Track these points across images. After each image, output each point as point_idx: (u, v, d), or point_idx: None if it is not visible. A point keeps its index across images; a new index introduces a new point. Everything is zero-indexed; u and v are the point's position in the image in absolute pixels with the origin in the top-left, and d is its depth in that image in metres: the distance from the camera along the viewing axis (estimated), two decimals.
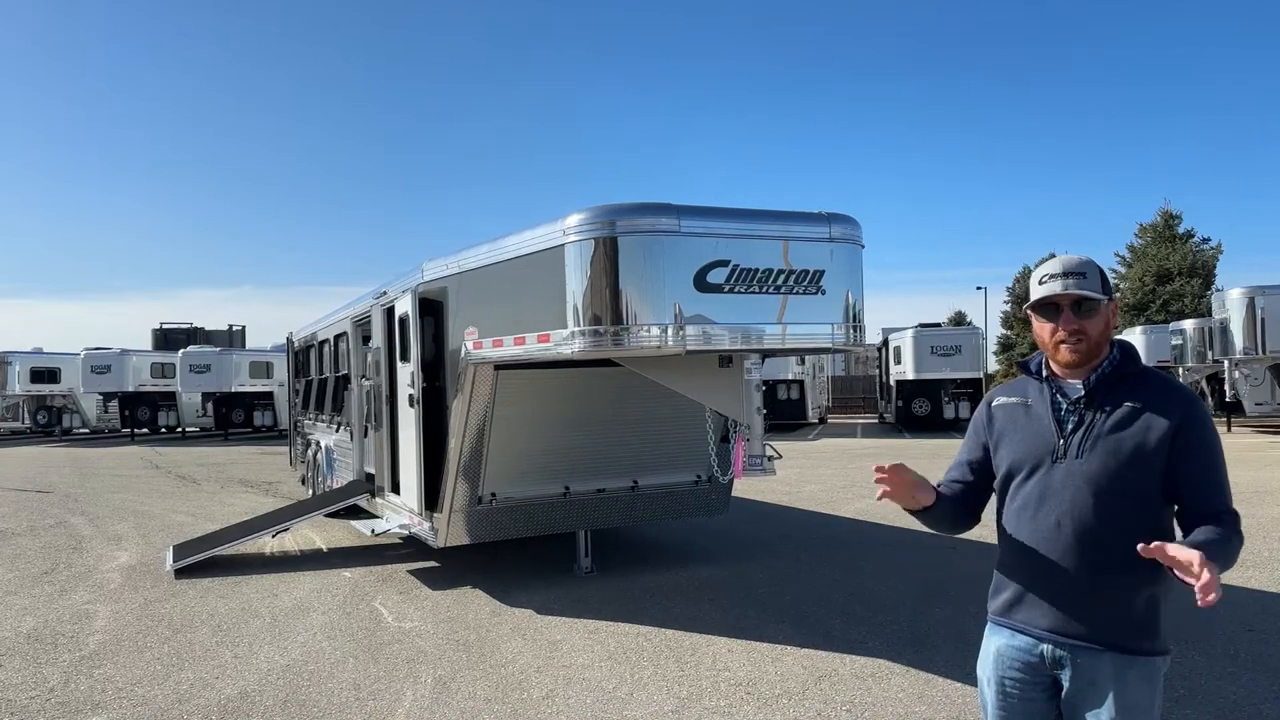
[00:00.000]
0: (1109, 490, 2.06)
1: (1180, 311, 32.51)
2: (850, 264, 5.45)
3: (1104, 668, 2.06)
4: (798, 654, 5.28)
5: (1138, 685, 2.04)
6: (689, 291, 4.98)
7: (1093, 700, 2.07)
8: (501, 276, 6.01)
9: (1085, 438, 2.11)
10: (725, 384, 5.39)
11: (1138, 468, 2.05)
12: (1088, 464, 2.09)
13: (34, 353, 30.64)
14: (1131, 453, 2.06)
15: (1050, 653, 2.14)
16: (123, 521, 11.08)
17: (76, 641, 5.92)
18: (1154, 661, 2.07)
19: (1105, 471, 2.07)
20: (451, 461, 6.62)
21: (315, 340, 11.81)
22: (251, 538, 8.45)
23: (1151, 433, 2.06)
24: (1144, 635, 2.07)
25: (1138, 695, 2.04)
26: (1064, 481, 2.12)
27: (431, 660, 5.36)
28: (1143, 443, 2.06)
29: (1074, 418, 2.15)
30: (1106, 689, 2.05)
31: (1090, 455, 2.10)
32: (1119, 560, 2.03)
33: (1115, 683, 2.05)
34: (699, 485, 7.68)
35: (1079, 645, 2.09)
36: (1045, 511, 2.14)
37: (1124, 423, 2.09)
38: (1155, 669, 2.08)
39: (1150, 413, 2.07)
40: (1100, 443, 2.09)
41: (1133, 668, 2.05)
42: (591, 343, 5.08)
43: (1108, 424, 2.10)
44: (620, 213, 5.05)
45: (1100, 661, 2.06)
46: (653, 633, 5.77)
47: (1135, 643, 2.06)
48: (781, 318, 5.22)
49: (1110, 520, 2.07)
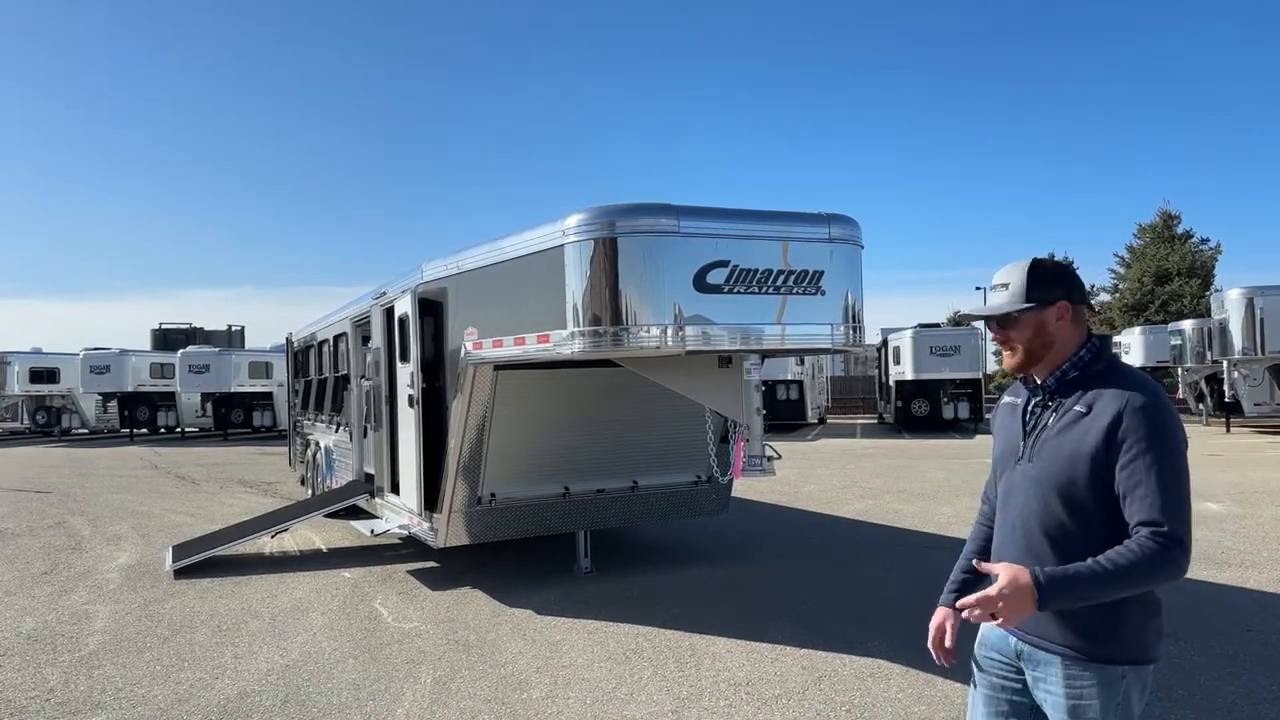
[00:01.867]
0: (1052, 493, 2.05)
1: (1179, 312, 32.52)
2: (850, 264, 5.46)
3: (1055, 670, 2.04)
4: (797, 654, 5.29)
5: (1090, 692, 2.00)
6: (688, 292, 4.98)
7: (1048, 700, 2.08)
8: (501, 277, 6.01)
9: (1036, 440, 2.13)
10: (725, 384, 5.40)
11: (1077, 470, 2.01)
12: (1035, 466, 2.10)
13: (33, 353, 30.62)
14: (1070, 455, 2.02)
15: (1017, 646, 2.14)
16: (122, 522, 11.07)
17: (76, 642, 5.91)
18: (1110, 669, 2.00)
19: (1048, 474, 2.06)
20: (451, 462, 6.62)
21: (315, 340, 11.81)
22: (251, 538, 8.44)
23: (1090, 434, 2.01)
24: (1097, 642, 2.00)
25: (1089, 701, 2.00)
26: (1020, 483, 2.14)
27: (431, 660, 5.36)
28: (1080, 445, 2.01)
29: (1034, 419, 2.17)
30: (1059, 691, 2.04)
31: (1038, 458, 2.10)
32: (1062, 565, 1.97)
33: (1066, 686, 2.02)
34: (699, 485, 7.68)
35: (1036, 646, 2.09)
36: (1007, 512, 2.17)
37: (1070, 424, 2.06)
38: (1112, 677, 2.00)
39: (1095, 412, 2.02)
40: (1047, 445, 2.09)
41: (1085, 673, 2.01)
42: (591, 343, 5.08)
43: (1056, 426, 2.09)
44: (620, 213, 5.05)
45: (1053, 664, 2.05)
46: (652, 633, 5.77)
47: (1087, 649, 2.01)
48: (781, 318, 5.22)
49: (1052, 525, 2.05)
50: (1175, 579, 1.93)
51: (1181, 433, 2.01)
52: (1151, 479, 1.92)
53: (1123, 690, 2.00)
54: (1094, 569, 1.88)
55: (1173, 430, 1.98)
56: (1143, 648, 2.03)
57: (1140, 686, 2.04)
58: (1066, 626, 2.02)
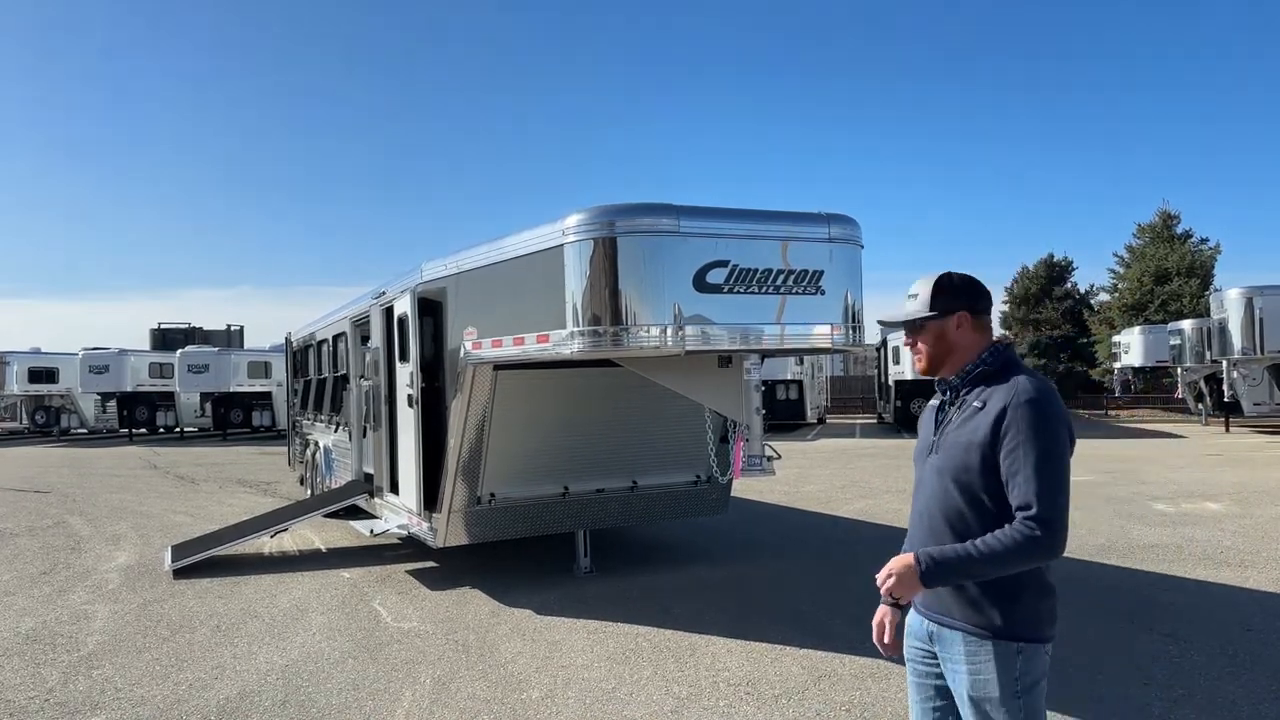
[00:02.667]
0: (951, 482, 2.23)
1: (1179, 312, 32.50)
2: (849, 264, 5.46)
3: (957, 645, 2.21)
4: (797, 654, 5.28)
5: (987, 666, 2.16)
6: (688, 292, 4.98)
7: (953, 676, 2.25)
8: (501, 277, 6.01)
9: (941, 435, 2.32)
10: (724, 384, 5.39)
11: (971, 459, 2.18)
12: (938, 458, 2.30)
13: (32, 353, 30.61)
14: (965, 445, 2.20)
15: (929, 628, 2.32)
16: (121, 522, 11.07)
17: (75, 642, 5.91)
18: (1006, 645, 2.15)
19: (947, 466, 2.24)
20: (450, 462, 6.62)
21: (314, 340, 11.80)
22: (250, 538, 8.44)
23: (981, 426, 2.18)
24: (991, 618, 2.16)
25: (988, 676, 2.16)
26: (927, 474, 2.34)
27: (430, 661, 5.35)
28: (971, 438, 2.19)
29: (943, 416, 2.36)
30: (960, 666, 2.21)
31: (941, 450, 2.29)
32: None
33: (968, 661, 2.19)
34: (698, 485, 7.68)
35: (941, 624, 2.27)
36: (917, 501, 2.39)
37: (968, 418, 2.24)
38: (1008, 652, 2.15)
39: (988, 407, 2.20)
40: (948, 438, 2.28)
41: (983, 648, 2.17)
42: (591, 343, 5.07)
43: (957, 420, 2.27)
44: (619, 213, 5.05)
45: (954, 639, 2.22)
46: (652, 633, 5.77)
47: (983, 625, 2.17)
48: (780, 318, 5.22)
49: (952, 511, 2.23)
50: (1046, 560, 2.12)
51: (1062, 425, 2.14)
52: (1028, 466, 2.08)
53: (1018, 667, 2.15)
54: (970, 550, 2.09)
55: (1051, 422, 2.12)
56: (1034, 625, 2.17)
57: (1037, 665, 2.17)
58: (966, 604, 2.19)
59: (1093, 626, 5.71)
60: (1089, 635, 5.52)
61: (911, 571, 2.12)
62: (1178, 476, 13.69)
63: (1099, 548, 8.23)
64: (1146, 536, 8.75)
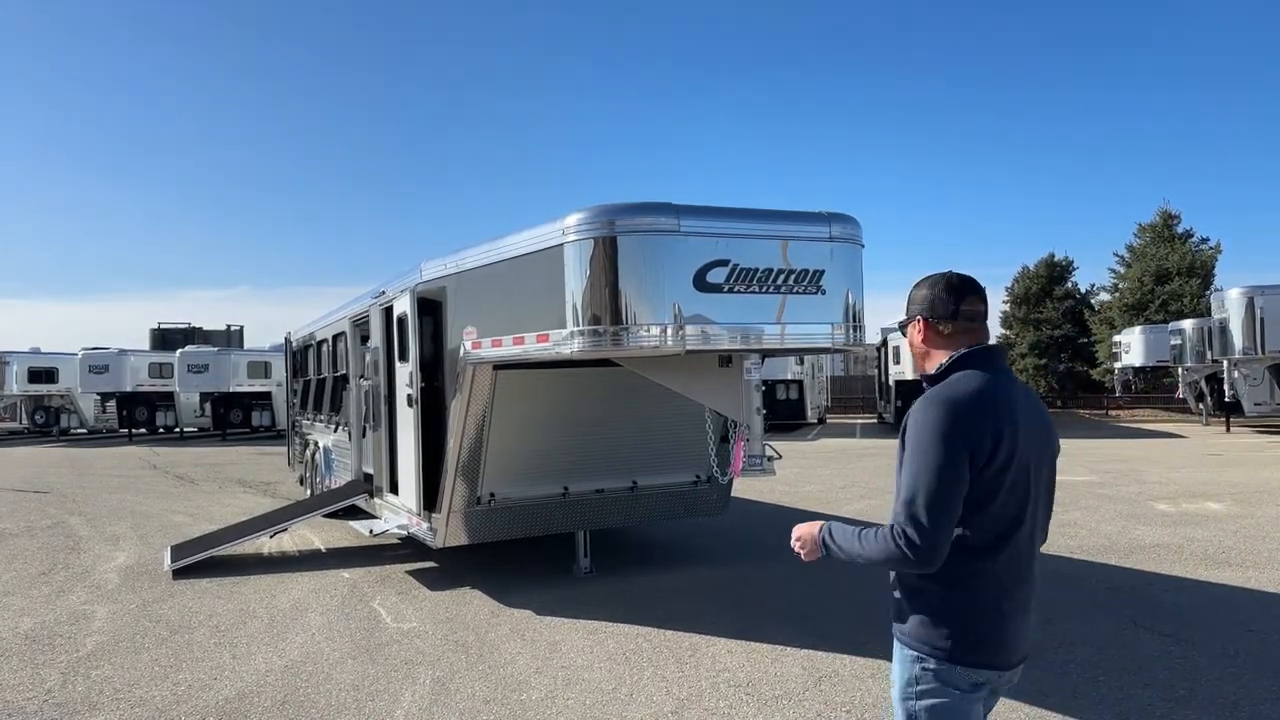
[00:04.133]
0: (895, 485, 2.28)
1: (1179, 311, 32.43)
2: (850, 264, 5.44)
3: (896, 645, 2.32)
4: (798, 654, 5.27)
5: (895, 667, 2.28)
6: (688, 291, 4.96)
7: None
8: (500, 276, 6.00)
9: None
10: (725, 384, 5.38)
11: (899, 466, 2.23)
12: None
13: (31, 352, 30.57)
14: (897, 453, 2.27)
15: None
16: (120, 522, 11.05)
17: (74, 642, 5.90)
18: (904, 650, 2.25)
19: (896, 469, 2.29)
20: (450, 462, 6.60)
21: (313, 340, 11.79)
22: (249, 538, 8.43)
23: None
24: (903, 624, 2.25)
25: (894, 676, 2.29)
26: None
27: (430, 661, 5.34)
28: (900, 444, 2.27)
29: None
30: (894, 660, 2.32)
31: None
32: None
33: (895, 658, 2.30)
34: (698, 485, 7.67)
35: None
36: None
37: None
38: (906, 657, 2.24)
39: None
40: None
41: (896, 647, 2.29)
42: (591, 343, 5.06)
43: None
44: (619, 212, 5.03)
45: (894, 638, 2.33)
46: (652, 633, 5.75)
47: (895, 624, 2.30)
48: (781, 317, 5.20)
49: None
50: (909, 567, 2.15)
51: (938, 437, 2.10)
52: (905, 474, 2.14)
53: (914, 674, 2.20)
54: (856, 537, 2.22)
55: (927, 431, 2.12)
56: (926, 641, 2.20)
57: (941, 681, 2.18)
58: (897, 608, 2.29)
59: (1094, 626, 5.70)
60: (1090, 635, 5.51)
61: (815, 540, 2.32)
62: (1178, 476, 13.67)
63: (1100, 548, 8.21)
64: (1148, 537, 8.73)
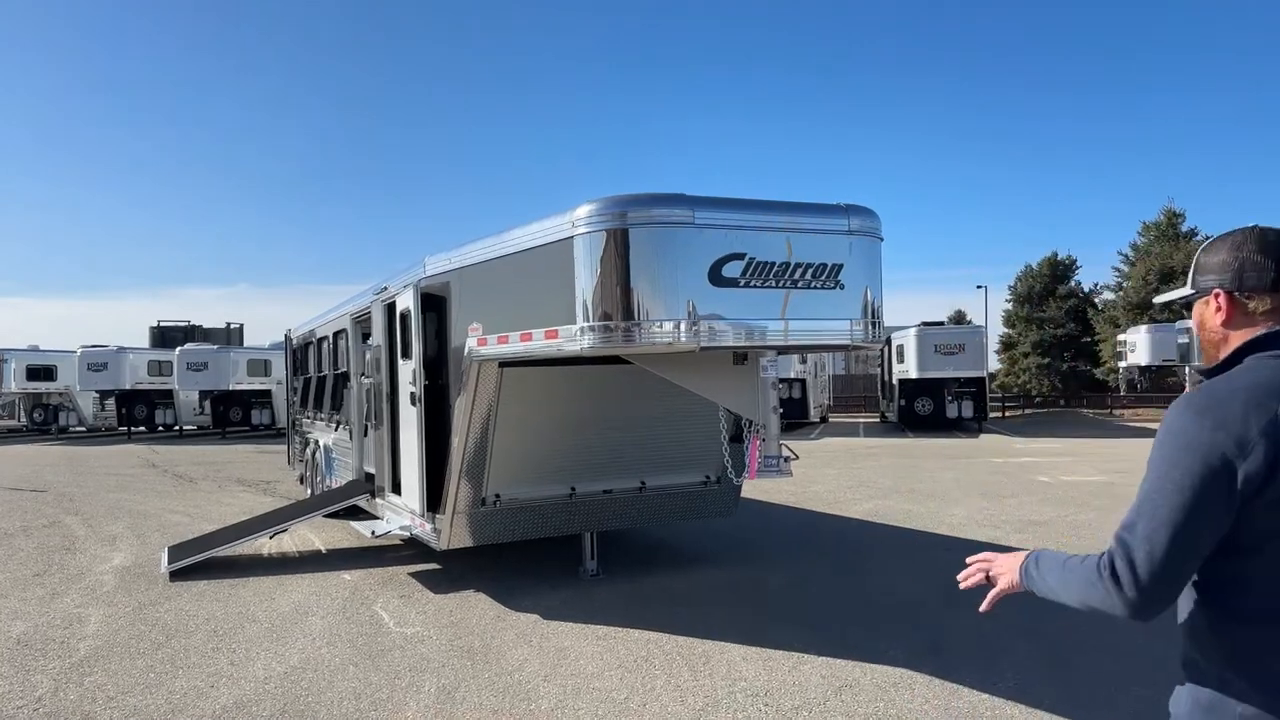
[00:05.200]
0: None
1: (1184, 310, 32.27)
2: (869, 258, 5.26)
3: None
4: (816, 662, 5.09)
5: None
6: (703, 285, 4.78)
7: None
8: (507, 271, 5.82)
9: None
10: (740, 382, 5.19)
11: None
12: None
13: (30, 350, 30.35)
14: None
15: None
16: (118, 522, 10.88)
17: (67, 647, 5.72)
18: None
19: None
20: (454, 462, 6.42)
21: (314, 337, 11.61)
22: (248, 539, 8.25)
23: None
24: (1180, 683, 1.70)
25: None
26: None
27: (435, 668, 5.16)
28: None
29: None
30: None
31: None
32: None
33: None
34: (708, 486, 7.49)
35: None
36: None
37: None
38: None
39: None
40: None
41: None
42: (601, 339, 4.87)
43: None
44: (632, 204, 4.85)
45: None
46: (664, 639, 5.57)
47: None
48: (798, 313, 5.02)
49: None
50: (1111, 609, 1.56)
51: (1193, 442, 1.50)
52: (1138, 492, 1.57)
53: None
54: (1060, 562, 1.66)
55: (1176, 439, 1.53)
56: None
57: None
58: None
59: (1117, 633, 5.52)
60: (1110, 644, 5.33)
61: (1017, 561, 1.78)
62: None
63: None
64: None
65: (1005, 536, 8.83)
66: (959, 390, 25.34)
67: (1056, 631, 5.49)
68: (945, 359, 24.74)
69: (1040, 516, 10.02)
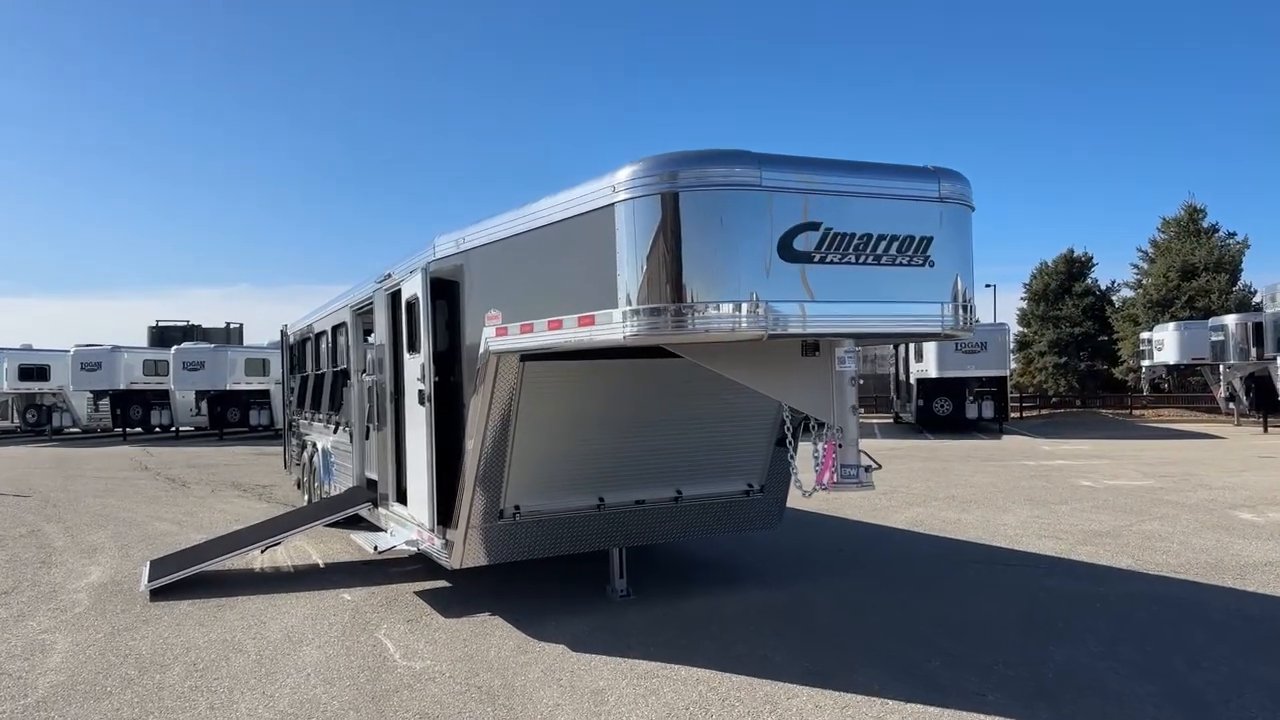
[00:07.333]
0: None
1: (1206, 307, 31.43)
2: (960, 230, 4.48)
3: None
4: (903, 710, 4.28)
5: None
6: (772, 260, 3.99)
7: None
8: (532, 248, 5.02)
9: None
10: (810, 377, 4.39)
11: None
12: None
13: (22, 349, 29.51)
14: None
15: None
16: (100, 530, 10.09)
17: (24, 684, 4.94)
18: None
19: None
20: (468, 469, 5.63)
21: (311, 333, 10.82)
22: (238, 553, 7.45)
23: None
24: None
25: None
26: None
27: (449, 715, 4.36)
28: None
29: None
30: None
31: None
32: None
33: None
34: (750, 495, 6.69)
35: None
36: None
37: None
38: None
39: None
40: None
41: None
42: (647, 326, 4.07)
43: None
44: (685, 162, 4.05)
45: None
46: (715, 679, 4.76)
47: None
48: (881, 295, 4.23)
49: None
50: None
51: None
52: None
53: None
54: None
55: None
56: None
57: None
58: None
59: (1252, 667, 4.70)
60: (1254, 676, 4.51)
61: None
62: (1243, 481, 12.69)
63: (1205, 566, 7.22)
64: (1251, 552, 7.74)
65: (1071, 549, 8.01)
66: (980, 390, 24.49)
67: (1184, 667, 4.68)
68: (966, 358, 23.85)
69: (1101, 526, 9.20)
